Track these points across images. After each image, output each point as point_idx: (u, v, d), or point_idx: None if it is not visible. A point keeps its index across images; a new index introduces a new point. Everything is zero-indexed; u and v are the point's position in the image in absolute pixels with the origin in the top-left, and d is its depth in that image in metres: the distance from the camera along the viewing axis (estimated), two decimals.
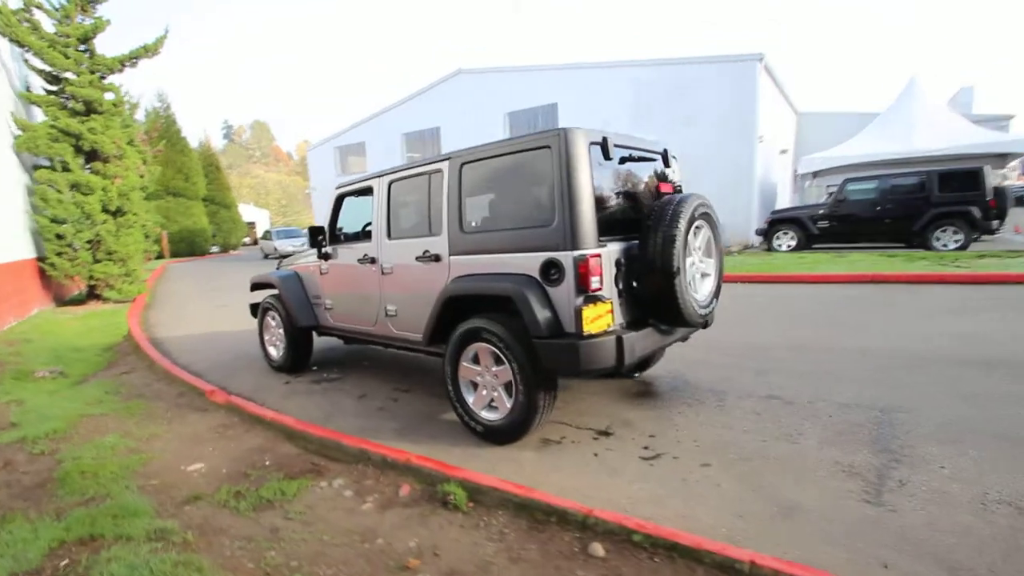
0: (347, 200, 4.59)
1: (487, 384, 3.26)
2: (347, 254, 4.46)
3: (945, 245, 10.76)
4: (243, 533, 2.39)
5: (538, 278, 2.96)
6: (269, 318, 5.32)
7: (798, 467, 2.72)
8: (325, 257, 4.61)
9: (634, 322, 3.15)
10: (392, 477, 2.81)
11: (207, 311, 9.33)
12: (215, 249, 29.16)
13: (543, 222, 2.96)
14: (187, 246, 25.97)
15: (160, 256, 19.94)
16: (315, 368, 5.27)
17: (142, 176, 11.02)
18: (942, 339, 4.76)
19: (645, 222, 3.11)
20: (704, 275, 3.48)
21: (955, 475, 2.53)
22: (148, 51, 10.72)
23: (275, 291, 5.38)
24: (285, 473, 2.97)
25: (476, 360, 3.29)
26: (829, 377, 3.99)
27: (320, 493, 2.73)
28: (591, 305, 2.83)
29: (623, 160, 3.24)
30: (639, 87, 17.67)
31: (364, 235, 4.90)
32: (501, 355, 3.09)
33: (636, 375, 2.99)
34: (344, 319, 4.56)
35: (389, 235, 3.96)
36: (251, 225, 41.33)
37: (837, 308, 6.38)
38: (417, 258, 3.66)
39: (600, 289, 2.88)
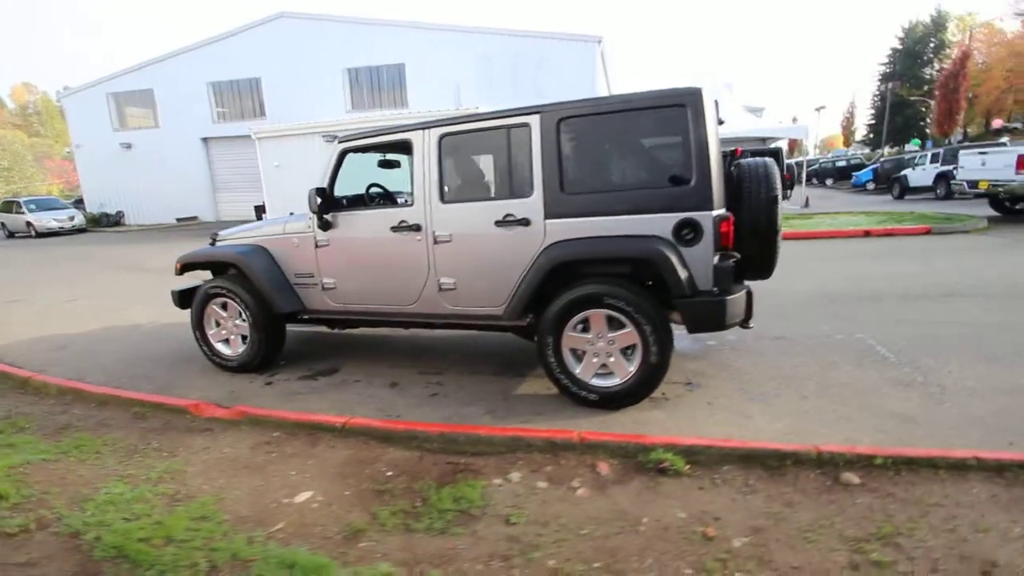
0: (349, 157, 3.83)
1: (599, 351, 3.17)
2: (364, 222, 3.76)
3: None
4: (476, 553, 1.99)
5: (670, 238, 2.96)
6: (216, 307, 4.18)
7: (866, 388, 3.29)
8: (325, 226, 3.79)
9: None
10: (573, 459, 2.59)
11: (28, 310, 6.84)
12: None
13: (677, 181, 2.94)
14: None
15: None
16: (283, 363, 4.36)
17: None
18: (847, 282, 6.11)
19: (740, 183, 3.31)
20: None
21: (962, 377, 3.37)
22: None
23: (225, 272, 4.27)
24: (433, 480, 2.50)
25: (582, 328, 3.17)
26: (805, 318, 4.84)
27: (511, 490, 2.39)
28: (728, 262, 2.96)
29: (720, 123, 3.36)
30: (489, 55, 17.77)
31: (383, 199, 4.22)
32: (626, 319, 3.03)
33: (751, 326, 3.23)
34: (357, 299, 3.86)
35: (443, 198, 3.45)
36: None
37: None
38: (497, 223, 3.29)
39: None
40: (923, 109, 40.98)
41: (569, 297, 3.10)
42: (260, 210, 18.73)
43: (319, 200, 3.65)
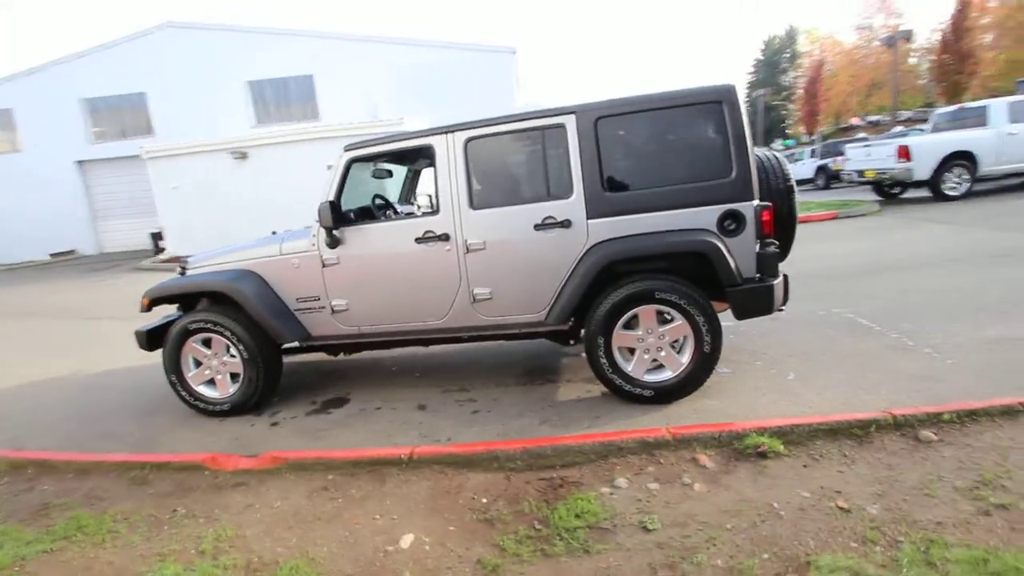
0: (355, 167, 3.53)
1: (649, 347, 3.18)
2: (382, 235, 3.48)
3: None
4: (635, 566, 1.89)
5: (715, 230, 3.05)
6: (196, 344, 3.66)
7: (873, 356, 3.58)
8: (333, 244, 3.45)
9: None
10: (670, 456, 2.55)
11: None
12: None
13: (717, 175, 3.03)
14: None
15: None
16: (275, 399, 3.92)
17: None
18: (802, 262, 6.66)
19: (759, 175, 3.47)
20: None
21: (946, 336, 3.80)
22: None
23: (196, 304, 3.76)
24: (536, 499, 2.34)
25: (629, 326, 3.17)
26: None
27: (625, 496, 2.30)
28: (771, 249, 3.10)
29: None
30: (404, 67, 17.43)
31: (386, 210, 3.94)
32: (677, 312, 3.07)
33: (784, 308, 3.38)
34: (374, 320, 3.55)
35: (472, 204, 3.28)
36: None
37: None
38: (536, 227, 3.19)
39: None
40: (784, 112, 46.36)
41: (620, 295, 3.08)
42: (157, 237, 16.83)
43: (330, 217, 3.32)
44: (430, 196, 3.46)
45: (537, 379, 3.87)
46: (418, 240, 3.35)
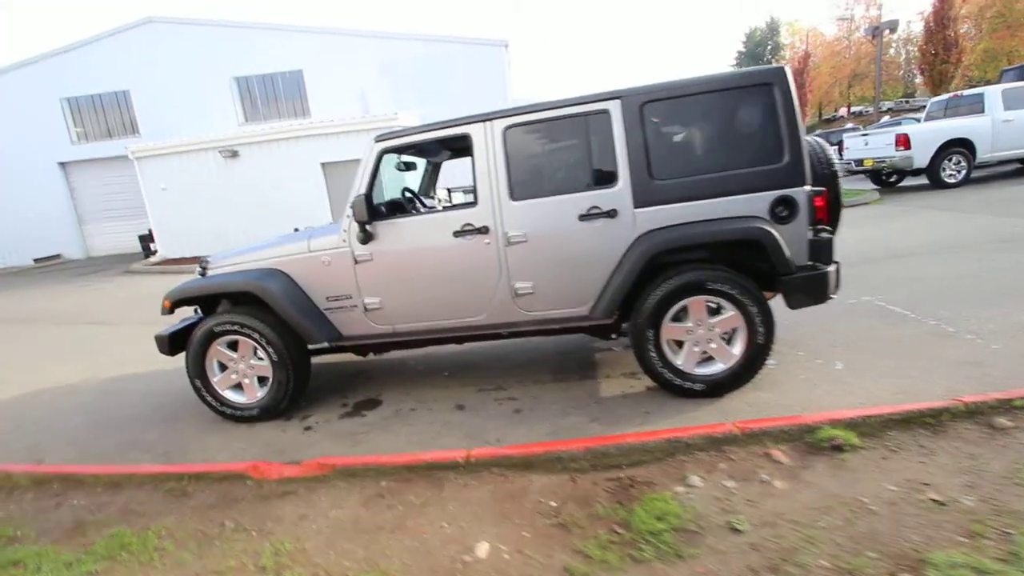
0: (386, 159, 3.38)
1: (699, 339, 3.09)
2: (417, 229, 3.35)
3: None
4: (735, 570, 1.79)
5: (767, 217, 2.97)
6: (221, 347, 3.50)
7: (916, 343, 3.53)
8: (366, 239, 3.31)
9: None
10: (740, 452, 2.47)
11: None
12: None
13: (768, 160, 2.94)
14: None
15: None
16: (302, 403, 3.77)
17: None
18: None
19: None
20: None
21: (982, 321, 3.77)
22: None
23: (224, 304, 3.62)
24: (608, 501, 2.24)
25: (677, 318, 3.08)
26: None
27: (703, 495, 2.20)
28: (824, 236, 3.03)
29: None
30: (395, 61, 17.17)
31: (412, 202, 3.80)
32: (729, 303, 2.98)
33: (835, 296, 3.31)
34: (409, 318, 3.42)
35: (512, 195, 3.16)
36: None
37: None
38: (581, 217, 3.08)
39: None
40: None
41: (670, 286, 2.99)
42: (147, 240, 16.39)
43: (365, 211, 3.17)
44: (449, 190, 3.35)
45: (574, 375, 3.77)
46: (456, 234, 3.22)
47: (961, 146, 10.28)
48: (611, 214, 3.06)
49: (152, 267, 13.56)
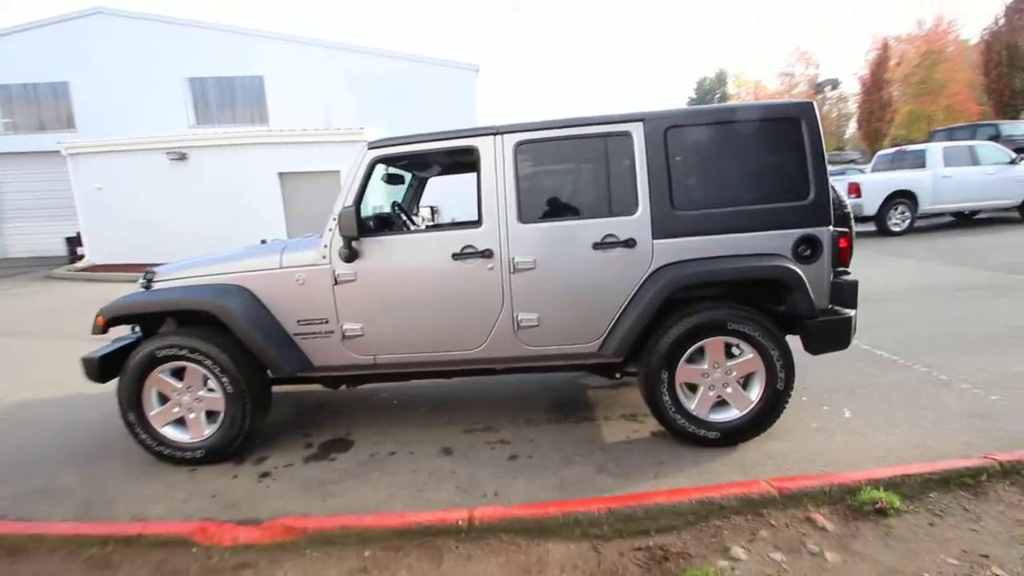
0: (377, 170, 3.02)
1: (714, 383, 2.87)
2: (411, 248, 2.99)
3: None
4: None
5: (789, 255, 2.81)
6: (163, 375, 2.96)
7: (913, 391, 3.45)
8: (351, 257, 2.91)
9: None
10: (780, 516, 2.20)
11: None
12: None
13: (794, 197, 2.80)
14: None
15: None
16: (256, 442, 3.25)
17: None
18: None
19: None
20: None
21: (973, 371, 3.76)
22: None
23: (169, 324, 3.10)
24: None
25: (691, 359, 2.85)
26: None
27: (750, 571, 1.91)
28: (846, 278, 2.90)
29: None
30: (361, 74, 16.78)
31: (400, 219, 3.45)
32: (749, 344, 2.78)
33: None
34: (394, 348, 3.02)
35: (521, 217, 2.86)
36: None
37: None
38: (595, 245, 2.82)
39: None
40: None
41: (688, 324, 2.76)
42: (74, 243, 14.94)
43: (351, 224, 2.78)
44: (432, 208, 3.03)
45: (570, 415, 3.46)
46: (455, 256, 2.88)
47: (905, 197, 10.94)
48: (629, 243, 2.81)
49: (77, 273, 12.32)
